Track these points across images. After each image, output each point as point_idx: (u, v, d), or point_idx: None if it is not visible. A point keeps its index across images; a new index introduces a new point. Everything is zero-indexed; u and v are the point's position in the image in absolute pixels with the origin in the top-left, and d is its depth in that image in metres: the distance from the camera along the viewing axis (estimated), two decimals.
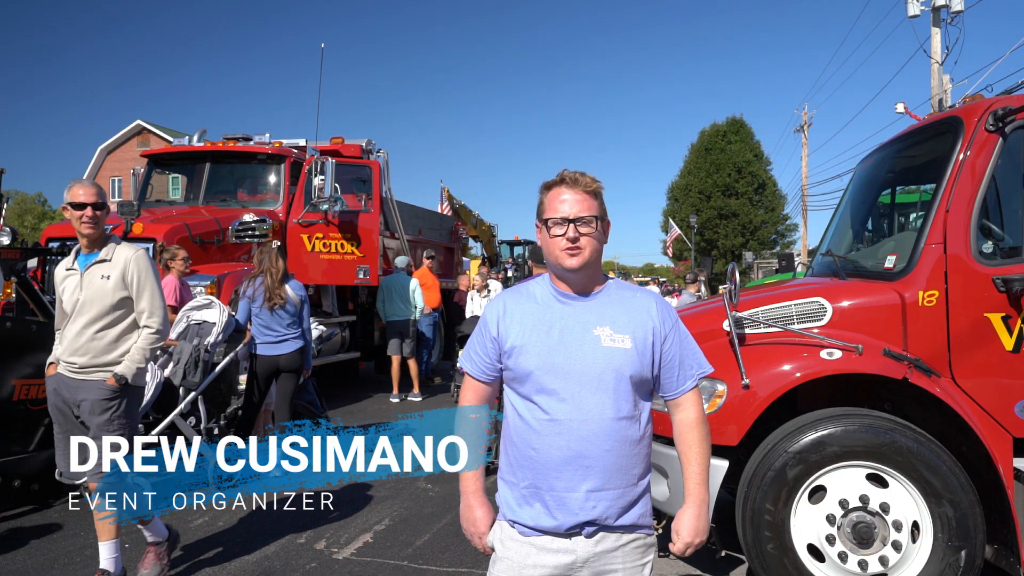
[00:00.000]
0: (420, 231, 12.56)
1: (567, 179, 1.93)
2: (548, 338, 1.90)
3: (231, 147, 9.78)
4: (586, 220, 1.89)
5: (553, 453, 1.86)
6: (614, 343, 1.89)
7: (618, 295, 1.98)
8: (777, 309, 3.74)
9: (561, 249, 1.89)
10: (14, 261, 5.88)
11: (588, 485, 1.85)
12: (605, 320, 1.92)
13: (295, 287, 6.11)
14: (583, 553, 1.87)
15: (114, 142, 41.52)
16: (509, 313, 1.97)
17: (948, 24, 15.97)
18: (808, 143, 33.96)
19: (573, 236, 1.88)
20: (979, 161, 3.49)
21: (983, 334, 3.42)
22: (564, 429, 1.85)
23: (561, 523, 1.86)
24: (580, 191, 1.91)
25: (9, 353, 5.06)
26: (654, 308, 1.98)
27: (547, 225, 1.92)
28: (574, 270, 1.91)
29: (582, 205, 1.90)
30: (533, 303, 1.98)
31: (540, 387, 1.89)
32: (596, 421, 1.85)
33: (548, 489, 1.87)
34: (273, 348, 6.04)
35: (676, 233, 36.20)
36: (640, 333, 1.92)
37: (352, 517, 5.06)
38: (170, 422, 5.51)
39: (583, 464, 1.85)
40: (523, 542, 1.90)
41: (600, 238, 1.93)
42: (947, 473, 3.21)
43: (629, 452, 1.89)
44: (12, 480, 5.04)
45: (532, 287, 2.03)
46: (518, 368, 1.91)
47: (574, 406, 1.86)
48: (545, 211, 1.94)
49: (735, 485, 3.57)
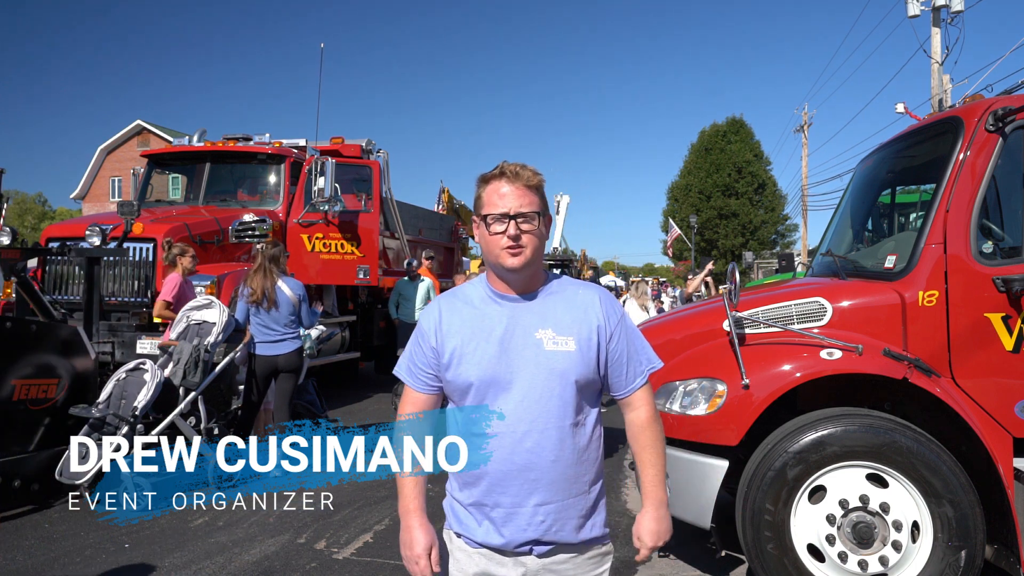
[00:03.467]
0: (420, 231, 12.55)
1: (507, 172, 1.80)
2: (488, 345, 1.79)
3: (231, 147, 9.77)
4: (528, 216, 1.77)
5: (497, 467, 1.76)
6: (557, 346, 1.78)
7: (560, 293, 1.87)
8: (777, 309, 3.74)
9: (502, 248, 1.77)
10: (14, 261, 5.88)
11: (536, 499, 1.76)
12: (548, 321, 1.81)
13: (293, 286, 6.11)
14: (533, 566, 1.80)
15: (114, 142, 41.53)
16: (446, 321, 1.85)
17: (948, 24, 15.97)
18: (808, 143, 34.01)
19: (514, 234, 1.75)
20: (979, 161, 3.50)
21: (983, 334, 3.42)
22: (508, 442, 1.75)
23: (509, 540, 1.77)
24: (521, 185, 1.78)
25: (9, 353, 5.06)
26: (598, 304, 1.86)
27: (486, 221, 1.79)
28: (516, 270, 1.78)
29: (523, 200, 1.77)
30: (470, 307, 1.85)
31: (481, 399, 1.78)
32: (541, 431, 1.75)
33: (494, 506, 1.78)
34: (271, 348, 6.05)
35: (676, 233, 36.20)
36: (584, 333, 1.81)
37: (352, 517, 5.06)
38: (170, 422, 5.51)
39: (529, 477, 1.75)
40: (471, 552, 1.83)
41: (541, 235, 1.81)
42: (947, 473, 3.21)
43: (579, 460, 1.80)
44: (12, 480, 5.04)
45: (468, 289, 1.91)
46: (458, 379, 1.80)
47: (518, 417, 1.76)
48: (483, 206, 1.81)
49: (735, 485, 3.57)
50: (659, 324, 4.41)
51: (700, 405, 3.55)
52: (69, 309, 7.17)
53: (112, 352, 7.42)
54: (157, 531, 4.73)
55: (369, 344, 11.17)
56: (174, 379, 5.69)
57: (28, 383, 5.17)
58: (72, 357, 5.56)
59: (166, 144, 17.52)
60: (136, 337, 7.52)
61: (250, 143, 9.87)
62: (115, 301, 7.81)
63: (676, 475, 3.64)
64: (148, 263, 7.82)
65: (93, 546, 4.47)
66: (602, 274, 32.67)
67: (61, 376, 5.43)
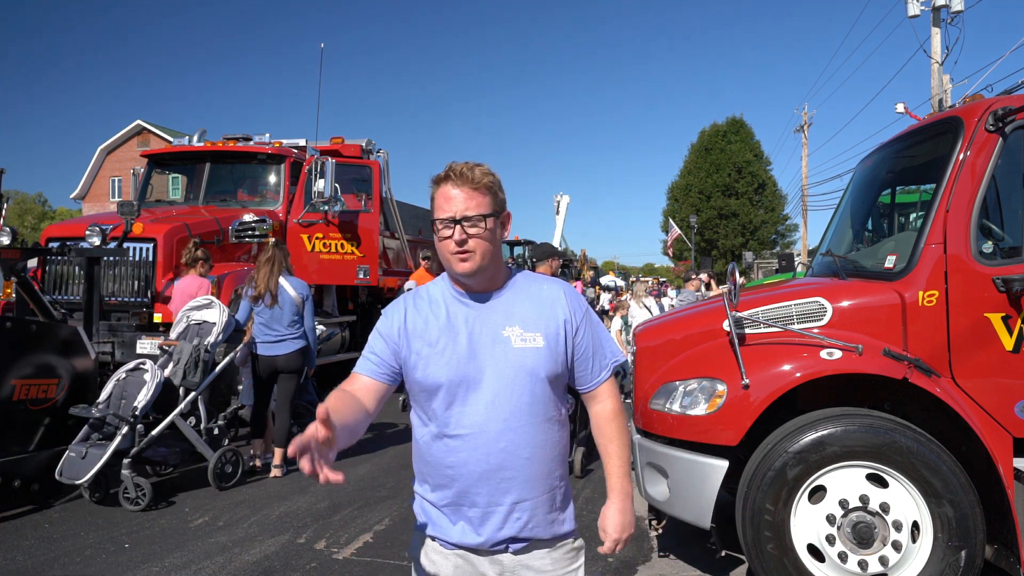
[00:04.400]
0: (420, 231, 12.56)
1: (453, 174, 1.75)
2: (456, 346, 1.76)
3: (231, 147, 9.77)
4: (473, 220, 1.72)
5: (471, 468, 1.73)
6: (526, 343, 1.77)
7: (525, 289, 1.85)
8: (777, 309, 3.74)
9: (451, 253, 1.74)
10: (14, 261, 5.88)
11: (512, 497, 1.75)
12: (514, 319, 1.79)
13: (297, 286, 6.11)
14: (509, 563, 1.79)
15: (114, 142, 41.56)
16: (411, 321, 1.81)
17: (948, 24, 15.97)
18: (808, 143, 34.01)
19: (460, 239, 1.72)
20: (979, 161, 3.49)
21: (983, 334, 3.42)
22: (480, 442, 1.73)
23: (486, 539, 1.76)
24: (467, 187, 1.73)
25: (9, 353, 5.06)
26: (563, 299, 1.85)
27: (434, 225, 1.76)
28: (467, 275, 1.76)
29: (470, 203, 1.72)
30: (436, 308, 1.82)
31: (451, 400, 1.75)
32: (514, 429, 1.74)
33: (470, 506, 1.76)
34: (271, 348, 6.05)
35: (676, 233, 36.22)
36: (552, 328, 1.80)
37: (352, 517, 5.06)
38: (170, 422, 5.51)
39: (504, 476, 1.74)
40: (448, 554, 1.81)
41: (492, 237, 1.76)
42: (947, 473, 3.21)
43: (550, 456, 1.80)
44: (12, 480, 5.04)
45: (432, 289, 1.88)
46: (426, 381, 1.76)
47: (489, 416, 1.73)
48: (435, 209, 1.77)
49: (735, 485, 3.57)
50: (659, 324, 4.41)
51: (700, 405, 3.55)
52: (69, 309, 7.17)
53: (112, 352, 7.42)
54: (157, 531, 4.73)
55: None
56: (174, 379, 5.69)
57: (28, 383, 5.17)
58: (72, 357, 5.56)
59: (166, 144, 17.50)
60: (136, 337, 7.52)
61: (250, 143, 9.87)
62: (115, 301, 7.81)
63: (676, 475, 3.64)
64: (148, 263, 7.82)
65: (93, 546, 4.47)
66: (602, 274, 32.65)
67: (61, 376, 5.43)
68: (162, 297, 7.74)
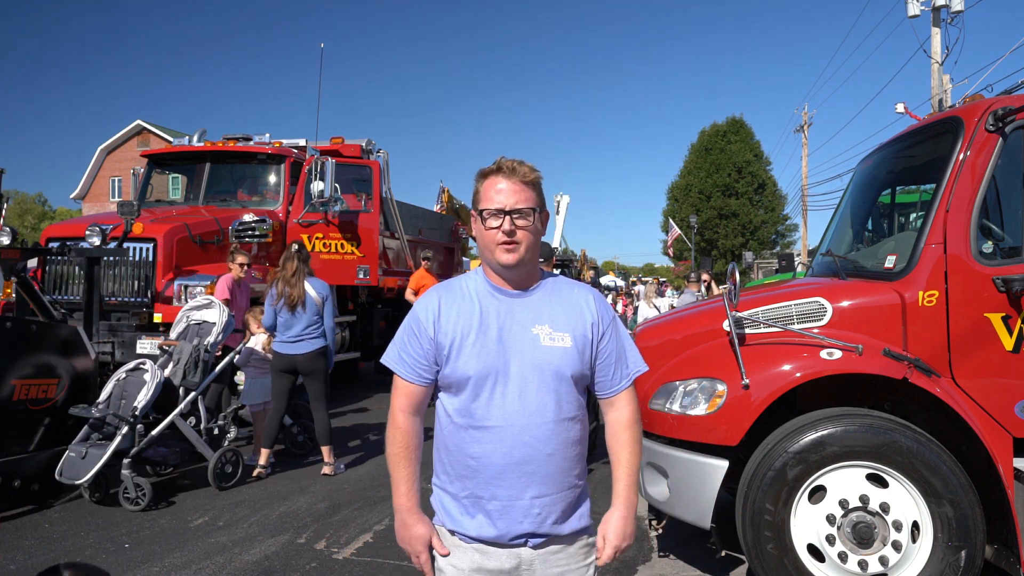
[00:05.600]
0: (420, 231, 12.55)
1: (504, 168, 1.82)
2: (486, 339, 1.80)
3: (231, 147, 9.77)
4: (523, 212, 1.79)
5: (494, 461, 1.77)
6: (554, 342, 1.81)
7: (555, 291, 1.90)
8: (777, 309, 3.74)
9: (497, 243, 1.79)
10: (14, 261, 5.88)
11: (532, 492, 1.78)
12: (544, 318, 1.83)
13: (318, 287, 6.14)
14: (527, 556, 1.82)
15: (114, 142, 41.54)
16: (445, 312, 1.84)
17: (948, 24, 15.96)
18: (808, 143, 33.99)
19: (509, 229, 1.78)
20: (979, 161, 3.49)
21: (983, 334, 3.42)
22: (506, 435, 1.77)
23: (504, 532, 1.79)
24: (518, 181, 1.80)
25: (9, 353, 5.06)
26: (592, 304, 1.90)
27: (482, 216, 1.81)
28: (510, 267, 1.81)
29: (519, 196, 1.79)
30: (468, 300, 1.85)
31: (478, 392, 1.79)
32: (539, 425, 1.77)
33: (491, 498, 1.79)
34: (289, 347, 6.06)
35: (676, 233, 36.22)
36: (580, 330, 1.85)
37: (352, 517, 5.06)
38: (170, 422, 5.51)
39: (526, 471, 1.77)
40: (466, 548, 1.83)
41: (537, 232, 1.83)
42: (947, 473, 3.21)
43: (571, 454, 1.83)
44: (12, 480, 5.04)
45: (466, 282, 1.91)
46: (456, 372, 1.80)
47: (515, 410, 1.77)
48: (481, 201, 1.83)
49: (735, 485, 3.57)
50: (659, 324, 4.41)
51: (700, 405, 3.55)
52: (69, 309, 7.17)
53: (112, 352, 7.43)
54: (157, 531, 4.73)
55: (369, 344, 11.17)
56: (174, 379, 5.69)
57: (28, 383, 5.17)
58: (72, 357, 5.56)
59: (166, 144, 17.50)
60: (136, 337, 7.53)
61: (250, 143, 9.87)
62: (115, 301, 7.81)
63: (676, 475, 3.64)
64: (148, 263, 7.82)
65: (93, 546, 4.47)
66: (602, 274, 32.69)
67: (61, 376, 5.43)
68: (162, 297, 7.75)
